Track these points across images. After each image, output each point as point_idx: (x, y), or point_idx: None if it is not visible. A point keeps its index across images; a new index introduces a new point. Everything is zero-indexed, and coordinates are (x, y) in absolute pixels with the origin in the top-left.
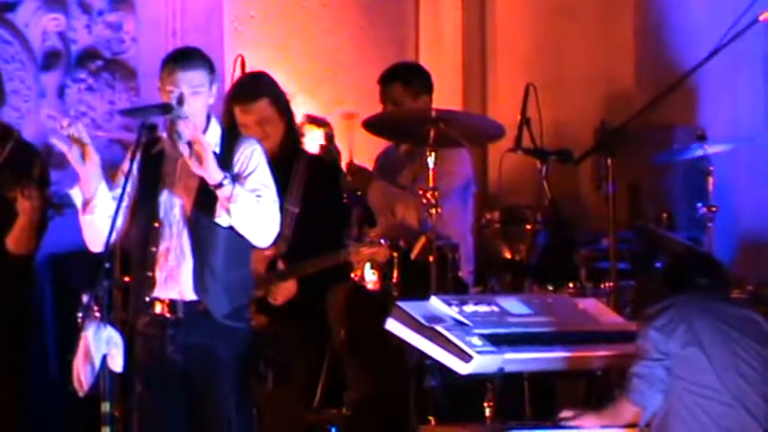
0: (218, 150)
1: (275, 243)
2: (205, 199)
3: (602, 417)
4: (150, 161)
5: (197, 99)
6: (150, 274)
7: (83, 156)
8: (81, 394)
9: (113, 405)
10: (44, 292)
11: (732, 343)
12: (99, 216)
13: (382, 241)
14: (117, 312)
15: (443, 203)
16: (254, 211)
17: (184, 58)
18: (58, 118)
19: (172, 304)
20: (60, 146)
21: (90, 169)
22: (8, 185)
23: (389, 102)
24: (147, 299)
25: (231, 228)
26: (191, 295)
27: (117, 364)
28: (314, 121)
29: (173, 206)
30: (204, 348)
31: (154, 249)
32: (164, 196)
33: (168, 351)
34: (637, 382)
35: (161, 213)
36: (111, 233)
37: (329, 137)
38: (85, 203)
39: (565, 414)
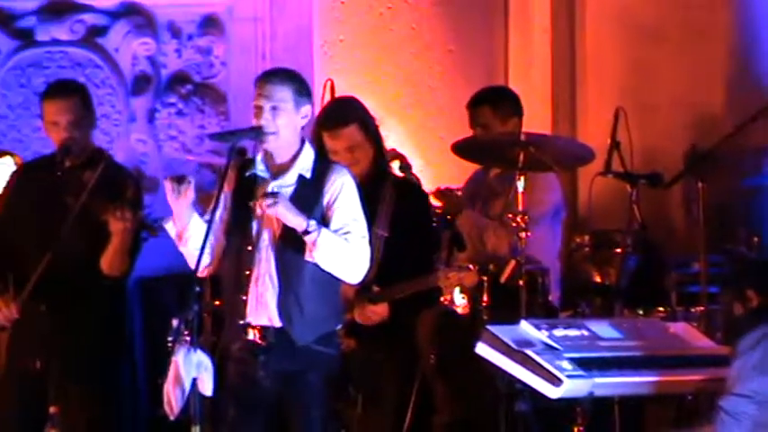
0: (308, 176)
1: None
2: (291, 230)
3: None
4: (244, 183)
5: (278, 115)
6: (244, 298)
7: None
8: (171, 418)
9: (203, 429)
10: (133, 315)
11: None
12: (193, 247)
13: (471, 266)
14: (207, 336)
15: (533, 228)
16: (341, 253)
17: (270, 73)
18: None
19: (263, 330)
20: (168, 184)
21: (184, 204)
22: (101, 208)
23: (478, 126)
24: (241, 323)
25: None
26: (278, 322)
27: (207, 388)
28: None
29: (263, 231)
30: (294, 374)
31: (247, 273)
32: (256, 219)
33: (259, 377)
34: (724, 417)
35: (254, 237)
36: (200, 258)
37: (404, 168)
38: (179, 236)
39: None
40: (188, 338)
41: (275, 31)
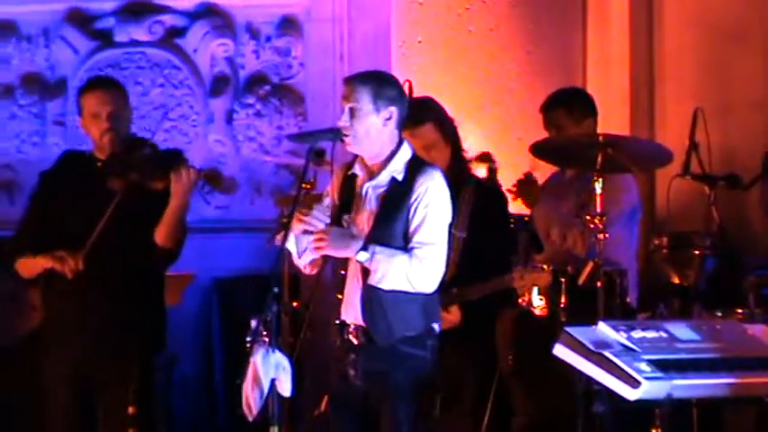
0: (400, 178)
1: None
2: (379, 232)
3: None
4: (347, 181)
5: (355, 117)
6: (339, 297)
7: None
8: (250, 419)
9: (281, 429)
10: (211, 316)
11: None
12: (305, 261)
13: (545, 267)
14: (285, 337)
15: (610, 229)
16: (402, 273)
17: (351, 76)
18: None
19: (354, 329)
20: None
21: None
22: (157, 176)
23: (553, 128)
24: (337, 322)
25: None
26: (365, 321)
27: (285, 389)
28: (478, 157)
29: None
30: (380, 374)
31: (343, 272)
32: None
33: (350, 375)
34: None
35: None
36: (280, 258)
37: (492, 171)
38: (300, 253)
39: None
40: (266, 339)
41: (353, 31)
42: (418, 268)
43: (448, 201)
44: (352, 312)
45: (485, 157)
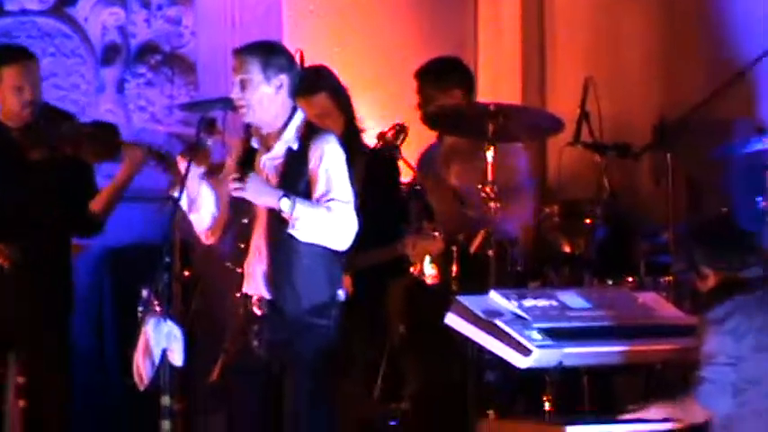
0: (295, 147)
1: None
2: None
3: (669, 411)
4: (247, 155)
5: (246, 88)
6: (240, 270)
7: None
8: (141, 388)
9: (173, 399)
10: (102, 286)
11: None
12: (205, 213)
13: (437, 234)
14: (177, 306)
15: (503, 198)
16: (321, 224)
17: (240, 47)
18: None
19: (258, 300)
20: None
21: (198, 170)
22: (90, 149)
23: (422, 96)
24: (238, 294)
25: None
26: (270, 293)
27: (177, 358)
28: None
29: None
30: (285, 345)
31: (243, 246)
32: None
33: (253, 346)
34: (708, 386)
35: (251, 209)
36: (171, 227)
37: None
38: (191, 203)
39: (631, 407)
40: (158, 309)
41: (244, 1)
42: (335, 221)
43: (345, 162)
44: (254, 285)
45: (401, 129)
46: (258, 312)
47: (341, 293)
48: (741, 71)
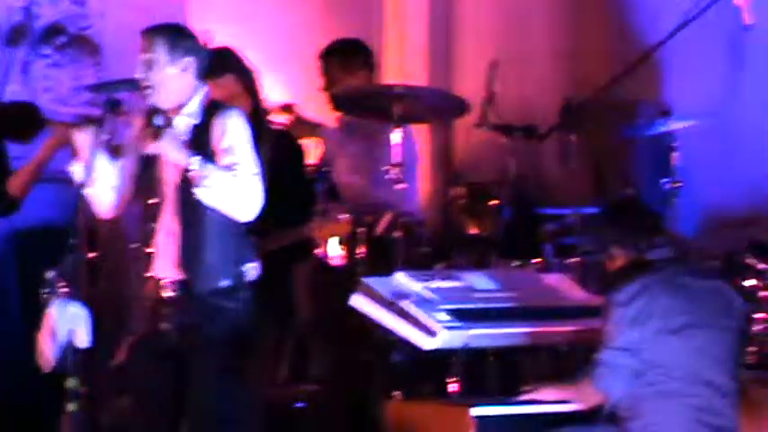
0: (198, 122)
1: None
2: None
3: (564, 393)
4: (149, 134)
5: (151, 69)
6: (148, 250)
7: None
8: (46, 370)
9: (78, 380)
10: (7, 267)
11: (703, 324)
12: (100, 188)
13: (344, 216)
14: (82, 288)
15: (408, 179)
16: (228, 188)
17: (147, 28)
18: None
19: (168, 282)
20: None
21: (94, 144)
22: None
23: (327, 77)
24: (146, 275)
25: None
26: (180, 274)
27: (82, 340)
28: (281, 108)
29: (166, 182)
30: (194, 327)
31: (152, 225)
32: (159, 172)
33: (163, 328)
34: (602, 369)
35: (159, 189)
36: (77, 208)
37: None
38: (90, 176)
39: (527, 388)
40: (63, 290)
41: None
42: (241, 188)
43: (249, 137)
44: (164, 266)
45: (287, 108)
46: (168, 295)
47: (252, 269)
48: (646, 53)
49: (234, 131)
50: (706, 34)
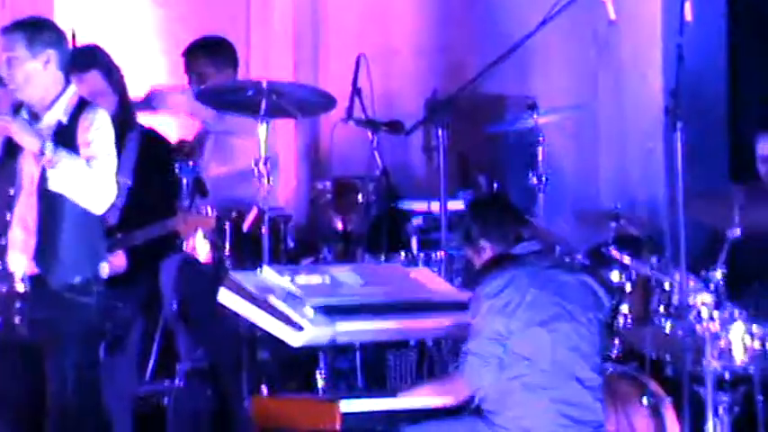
0: (65, 120)
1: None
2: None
3: (437, 390)
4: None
5: (12, 65)
6: (3, 242)
7: None
8: None
9: None
10: None
11: (569, 318)
12: None
13: (209, 212)
14: None
15: (276, 174)
16: (80, 176)
17: (6, 26)
18: None
19: (22, 277)
20: None
21: None
22: None
23: (194, 74)
24: (1, 268)
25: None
26: (35, 268)
27: None
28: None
29: (26, 173)
30: (48, 322)
31: (8, 217)
32: (20, 163)
33: (16, 323)
34: (471, 360)
35: (18, 180)
36: None
37: None
38: None
39: (404, 388)
40: None
41: None
42: (93, 178)
43: (112, 137)
44: (21, 259)
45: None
46: (21, 289)
47: (104, 268)
48: (512, 48)
49: (97, 128)
50: (571, 29)
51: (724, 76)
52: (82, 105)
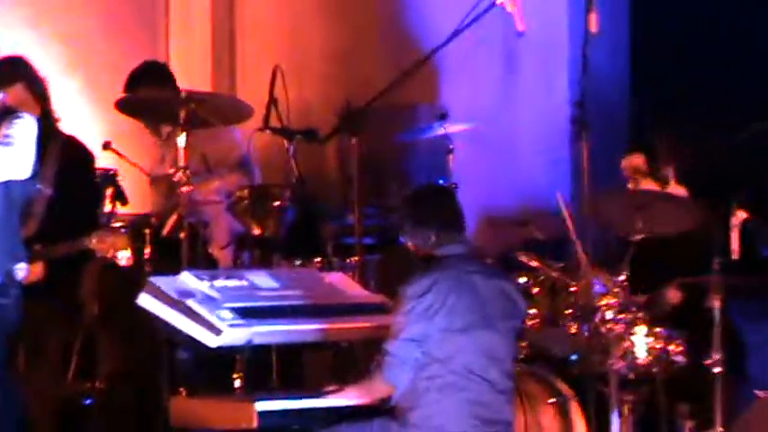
0: None
1: (26, 224)
2: None
3: (363, 391)
4: None
5: None
6: None
7: None
8: None
9: None
10: None
11: (486, 324)
12: None
13: (123, 230)
14: None
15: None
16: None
17: None
18: None
19: None
20: None
21: None
22: None
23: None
24: None
25: None
26: None
27: None
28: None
29: None
30: None
31: None
32: None
33: None
34: (390, 360)
35: None
36: None
37: None
38: None
39: (329, 388)
40: None
41: None
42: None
43: (33, 138)
44: None
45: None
46: None
47: (20, 271)
48: (423, 58)
49: (17, 127)
50: (481, 40)
51: (627, 85)
52: (6, 112)
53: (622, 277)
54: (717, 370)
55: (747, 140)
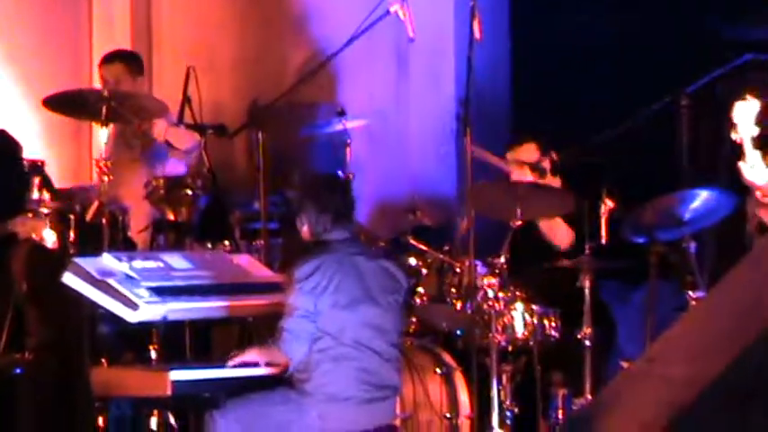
0: None
1: None
2: None
3: (263, 355)
4: None
5: None
6: None
7: None
8: None
9: None
10: None
11: (370, 299)
12: None
13: (44, 215)
14: None
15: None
16: None
17: None
18: None
19: None
20: None
21: None
22: None
23: (111, 81)
24: None
25: None
26: None
27: None
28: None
29: None
30: None
31: None
32: None
33: None
34: (286, 335)
35: None
36: None
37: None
38: None
39: (233, 354)
40: None
41: None
42: None
43: None
44: None
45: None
46: None
47: None
48: (324, 61)
49: None
50: (376, 45)
51: (508, 85)
52: None
53: (503, 259)
54: (587, 343)
55: (613, 139)
